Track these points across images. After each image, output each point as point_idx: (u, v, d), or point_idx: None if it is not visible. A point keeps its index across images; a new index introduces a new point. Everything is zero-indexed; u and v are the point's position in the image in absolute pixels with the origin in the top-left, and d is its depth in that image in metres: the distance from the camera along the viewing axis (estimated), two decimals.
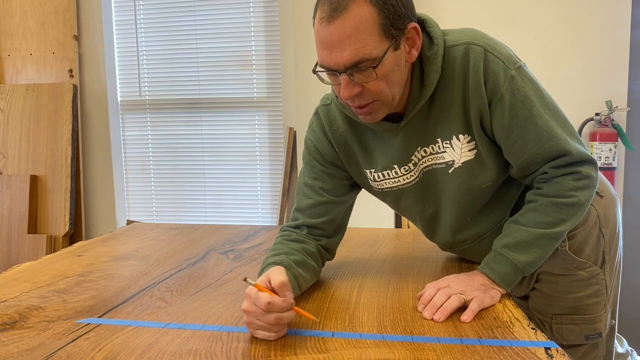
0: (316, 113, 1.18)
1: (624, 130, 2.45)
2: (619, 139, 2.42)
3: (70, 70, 3.00)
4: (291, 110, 2.83)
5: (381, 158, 1.13)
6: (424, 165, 1.10)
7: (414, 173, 1.12)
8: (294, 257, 1.06)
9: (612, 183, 2.45)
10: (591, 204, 1.14)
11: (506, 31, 2.49)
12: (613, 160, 2.42)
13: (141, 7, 3.05)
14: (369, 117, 1.02)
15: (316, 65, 0.99)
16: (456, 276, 1.04)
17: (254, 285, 0.86)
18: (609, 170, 2.44)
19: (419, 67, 1.03)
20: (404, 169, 1.12)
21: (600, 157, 2.43)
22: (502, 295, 1.03)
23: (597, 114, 2.44)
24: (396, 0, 0.94)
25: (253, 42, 2.95)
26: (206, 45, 3.00)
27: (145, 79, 3.11)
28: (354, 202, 1.26)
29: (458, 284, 1.00)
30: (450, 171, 1.08)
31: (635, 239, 2.50)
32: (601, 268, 1.17)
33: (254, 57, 2.96)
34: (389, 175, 1.14)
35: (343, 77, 0.95)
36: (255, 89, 2.99)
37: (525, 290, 1.23)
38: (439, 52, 1.01)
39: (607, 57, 2.44)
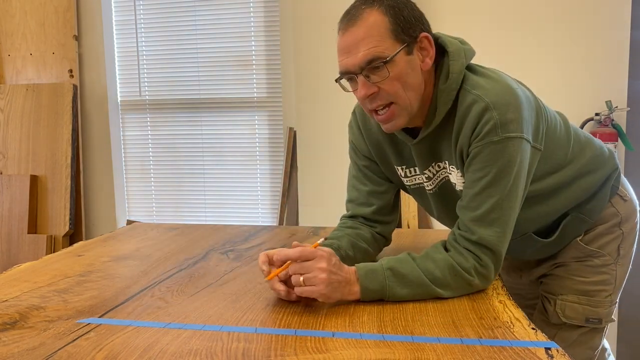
0: (353, 112, 1.27)
1: (624, 130, 2.45)
2: (619, 139, 2.42)
3: (70, 70, 3.00)
4: (291, 110, 2.83)
5: (408, 156, 1.20)
6: (439, 179, 1.17)
7: (432, 183, 1.19)
8: (345, 240, 1.18)
9: None
10: (614, 206, 1.23)
11: (506, 31, 2.49)
12: None
13: (141, 7, 3.05)
14: (390, 124, 1.07)
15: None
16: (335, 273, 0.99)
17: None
18: None
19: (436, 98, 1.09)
20: (424, 175, 1.19)
21: None
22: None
23: (597, 114, 2.43)
24: (407, 12, 1.02)
25: (253, 42, 2.95)
26: (206, 45, 3.00)
27: (145, 79, 3.11)
28: (399, 190, 1.32)
29: (326, 285, 0.95)
30: (457, 189, 1.14)
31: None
32: (614, 260, 1.24)
33: (254, 57, 2.96)
34: (415, 172, 1.21)
35: (360, 79, 1.02)
36: (255, 89, 2.99)
37: (544, 271, 1.31)
38: (452, 86, 1.06)
39: (607, 57, 2.44)
